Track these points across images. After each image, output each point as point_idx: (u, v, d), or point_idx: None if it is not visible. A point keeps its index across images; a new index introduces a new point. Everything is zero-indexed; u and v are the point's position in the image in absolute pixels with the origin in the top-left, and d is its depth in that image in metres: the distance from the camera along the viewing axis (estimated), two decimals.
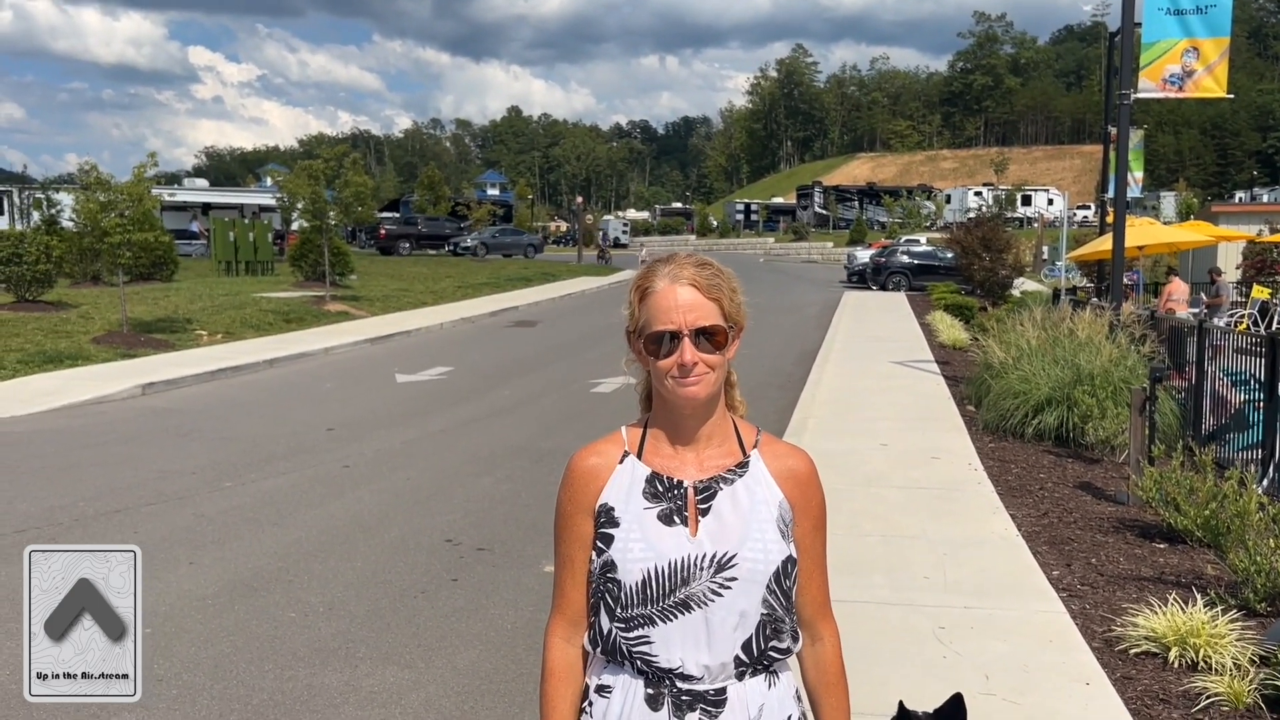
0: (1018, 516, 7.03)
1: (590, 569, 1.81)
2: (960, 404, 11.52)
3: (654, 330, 1.75)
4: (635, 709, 1.77)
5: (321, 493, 7.92)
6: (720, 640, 1.75)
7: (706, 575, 1.74)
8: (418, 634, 5.19)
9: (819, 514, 1.89)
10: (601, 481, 1.82)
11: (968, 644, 4.78)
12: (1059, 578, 5.75)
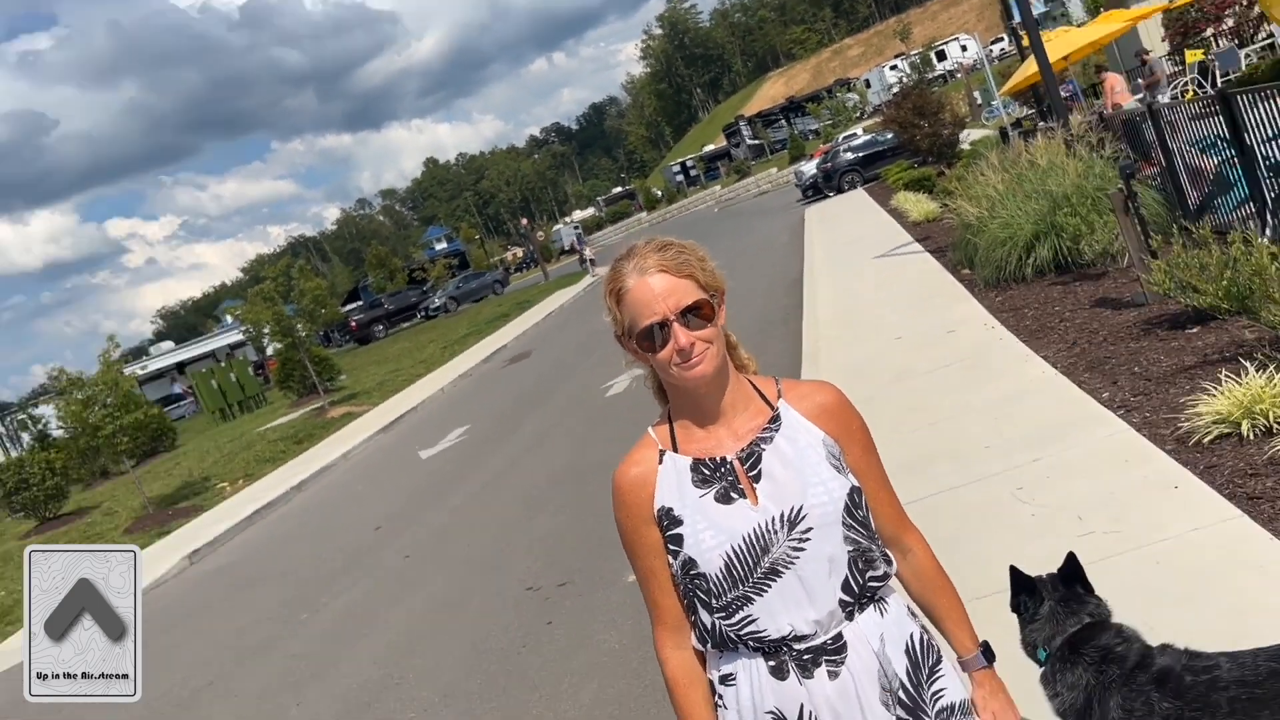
0: (1049, 356, 7.02)
1: (672, 573, 1.80)
2: (955, 272, 11.50)
3: (642, 327, 1.73)
4: (764, 686, 1.76)
5: (394, 590, 7.94)
6: (819, 592, 1.74)
7: (783, 536, 1.73)
8: (536, 687, 5.20)
9: (863, 436, 1.88)
10: (650, 487, 1.81)
11: (1050, 494, 4.78)
12: (1111, 398, 5.74)
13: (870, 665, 1.76)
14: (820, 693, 1.74)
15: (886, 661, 1.77)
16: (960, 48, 76.07)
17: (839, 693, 1.74)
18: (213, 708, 6.73)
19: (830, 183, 33.94)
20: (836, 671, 1.74)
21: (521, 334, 26.78)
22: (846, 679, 1.74)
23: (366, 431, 18.26)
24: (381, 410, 20.95)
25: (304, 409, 24.31)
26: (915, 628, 1.86)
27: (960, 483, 5.33)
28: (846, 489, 1.78)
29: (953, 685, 1.85)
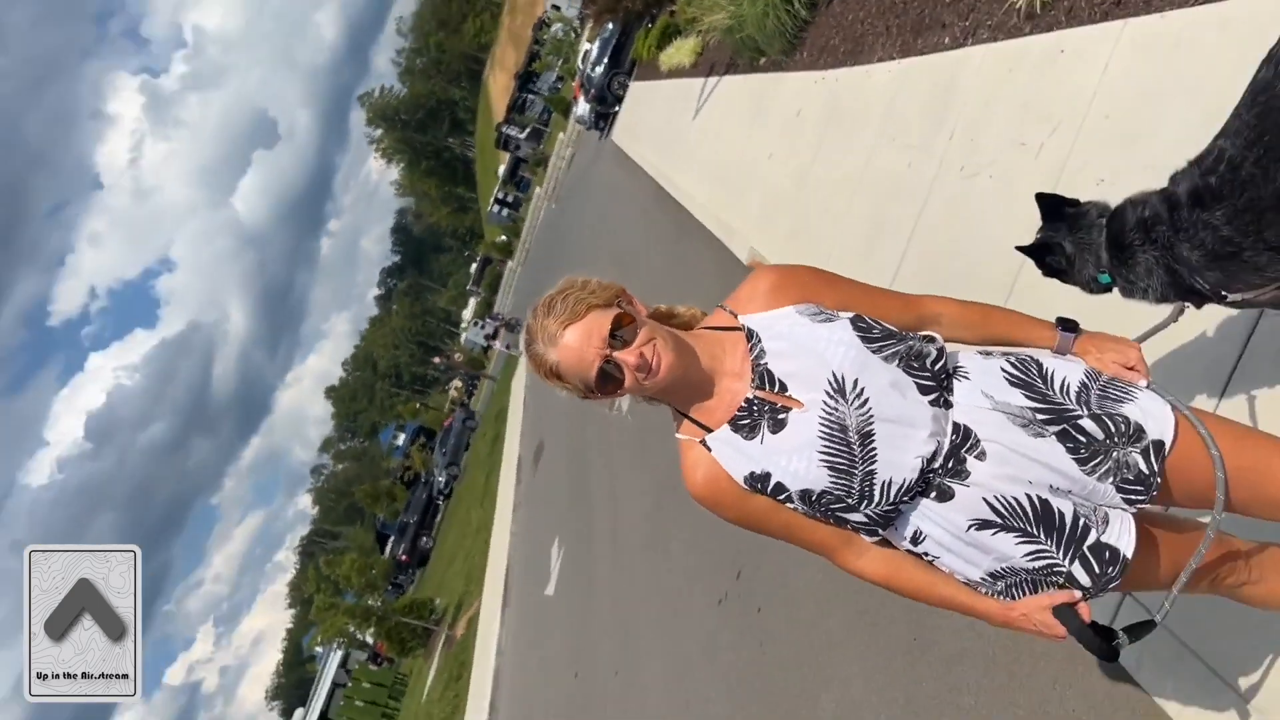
0: (882, 56, 7.01)
1: (803, 513, 1.81)
2: (757, 68, 11.50)
3: (593, 377, 1.75)
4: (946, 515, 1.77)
5: (618, 710, 7.92)
6: (908, 413, 1.74)
7: (846, 406, 1.73)
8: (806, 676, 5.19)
9: (817, 277, 1.89)
10: (721, 474, 1.81)
11: (981, 150, 4.78)
12: (956, 40, 5.74)
13: (997, 420, 1.76)
14: (984, 476, 1.75)
15: (1005, 406, 1.78)
16: None
17: (998, 462, 1.74)
18: None
19: (606, 103, 33.84)
20: (982, 451, 1.75)
21: (522, 434, 26.69)
22: (993, 448, 1.75)
23: (494, 619, 18.18)
24: (488, 593, 20.86)
25: (438, 653, 24.21)
26: (1000, 361, 1.85)
27: (915, 210, 5.34)
28: (848, 326, 1.78)
29: (1066, 370, 1.86)
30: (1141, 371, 1.89)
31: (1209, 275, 2.10)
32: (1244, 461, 1.81)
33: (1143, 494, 1.79)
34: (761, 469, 1.76)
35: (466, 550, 27.81)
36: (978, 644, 3.82)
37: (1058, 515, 1.76)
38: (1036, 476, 1.75)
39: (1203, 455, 1.79)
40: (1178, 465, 1.80)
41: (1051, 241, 2.26)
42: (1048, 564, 1.77)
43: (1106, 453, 1.77)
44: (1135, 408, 1.82)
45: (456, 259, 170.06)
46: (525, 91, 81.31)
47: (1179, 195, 2.15)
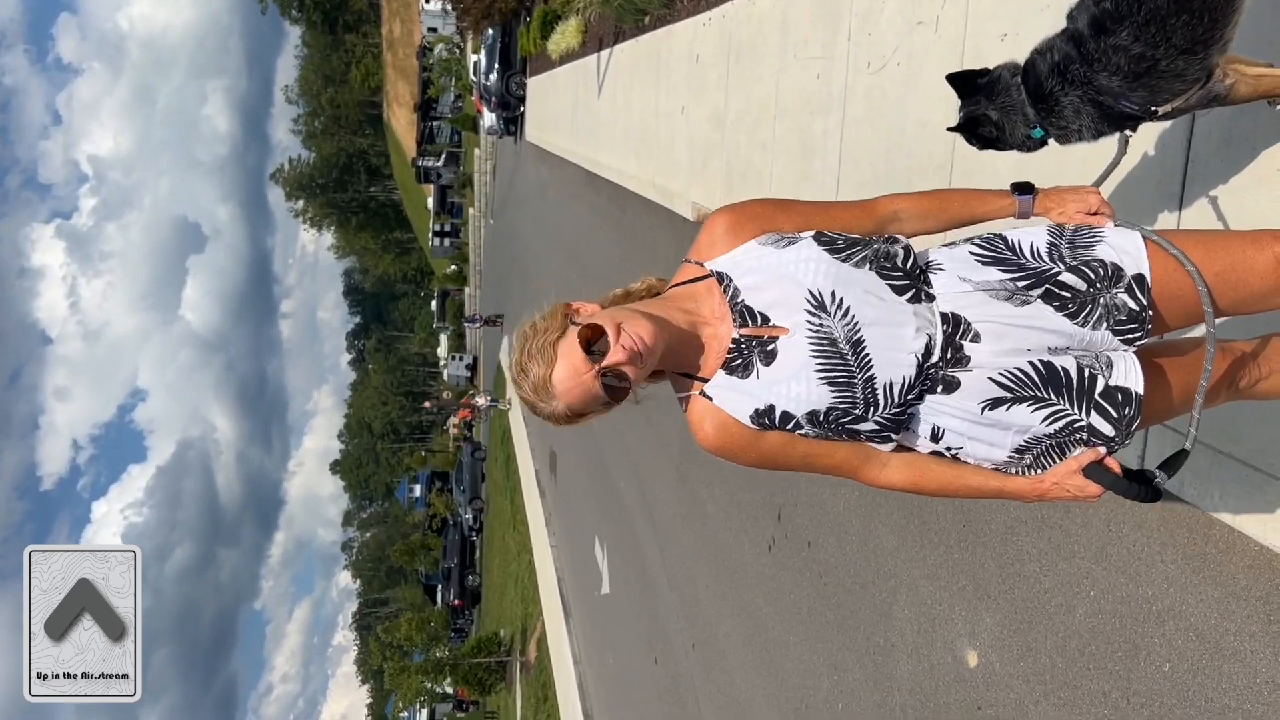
0: None
1: (816, 435, 1.81)
2: (643, 30, 11.46)
3: (603, 397, 1.78)
4: (956, 404, 1.79)
5: (705, 680, 7.99)
6: (893, 318, 1.76)
7: (831, 319, 1.74)
8: (873, 594, 5.24)
9: (770, 208, 1.90)
10: (728, 420, 1.81)
11: (880, 42, 4.79)
12: None
13: (981, 300, 1.78)
14: (986, 357, 1.77)
15: (985, 285, 1.80)
16: None
17: (993, 339, 1.77)
18: None
19: (509, 107, 33.65)
20: (975, 333, 1.77)
21: (532, 449, 26.71)
22: (985, 327, 1.77)
23: (561, 633, 18.24)
24: (548, 610, 20.93)
25: (519, 681, 24.32)
26: (966, 246, 1.88)
27: (836, 122, 5.35)
28: (812, 245, 1.80)
29: (1030, 234, 1.88)
30: (1106, 213, 1.91)
31: (1134, 96, 2.11)
32: (1219, 266, 1.83)
33: (1138, 330, 1.81)
34: (765, 403, 1.77)
35: (514, 576, 27.87)
36: (1026, 511, 3.87)
37: (1063, 373, 1.78)
38: (1034, 342, 1.77)
39: (1180, 274, 1.82)
40: (1161, 292, 1.83)
41: (977, 114, 2.27)
42: (1068, 422, 1.78)
43: (1094, 301, 1.79)
44: (1106, 248, 1.84)
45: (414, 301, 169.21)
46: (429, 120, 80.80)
47: (1081, 30, 2.16)
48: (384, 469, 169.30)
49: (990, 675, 4.00)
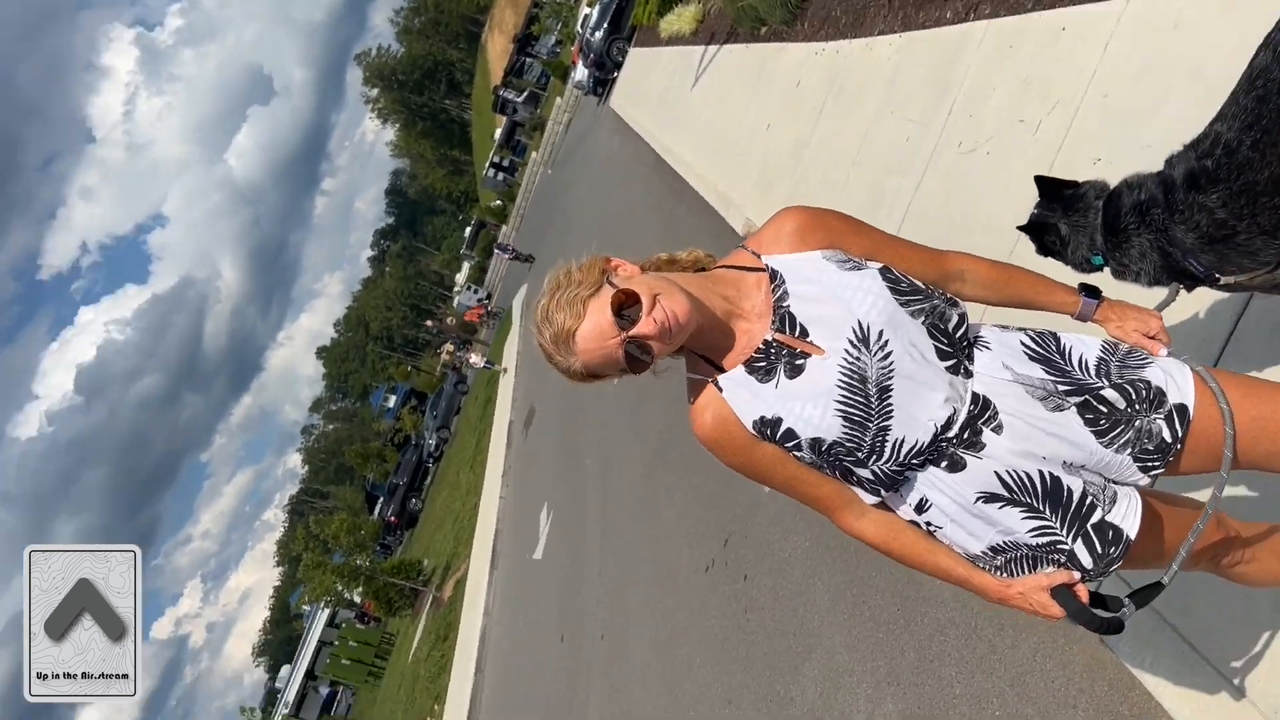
0: (883, 30, 6.99)
1: (809, 462, 1.76)
2: (758, 38, 11.43)
3: (624, 362, 1.72)
4: (956, 486, 1.74)
5: (601, 674, 8.01)
6: (927, 374, 1.71)
7: (869, 356, 1.69)
8: (778, 672, 5.26)
9: (844, 223, 1.84)
10: (730, 416, 1.75)
11: (979, 128, 4.78)
12: (959, 13, 5.73)
13: (1017, 393, 1.74)
14: (1000, 450, 1.72)
15: (1025, 380, 1.75)
16: None
17: (1014, 437, 1.72)
18: None
19: (604, 69, 33.60)
20: (998, 424, 1.72)
21: (514, 399, 26.75)
22: (1010, 421, 1.72)
23: (481, 581, 18.31)
24: (477, 556, 20.99)
25: (423, 615, 24.40)
26: (1019, 334, 1.83)
27: (910, 185, 5.35)
28: (876, 276, 1.74)
29: (1084, 346, 1.84)
30: (1164, 340, 1.87)
31: (1203, 258, 2.11)
32: (1255, 411, 1.79)
33: (1159, 463, 1.77)
34: (773, 413, 1.71)
35: (455, 513, 27.95)
36: (961, 615, 3.88)
37: (1066, 492, 1.74)
38: (1051, 451, 1.73)
39: (1214, 411, 1.77)
40: (1194, 429, 1.78)
41: (1047, 221, 2.27)
42: (1051, 540, 1.75)
43: (1129, 422, 1.76)
44: (1157, 370, 1.81)
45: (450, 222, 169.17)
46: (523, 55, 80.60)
47: (1174, 178, 2.17)
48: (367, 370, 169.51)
49: None
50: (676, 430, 8.93)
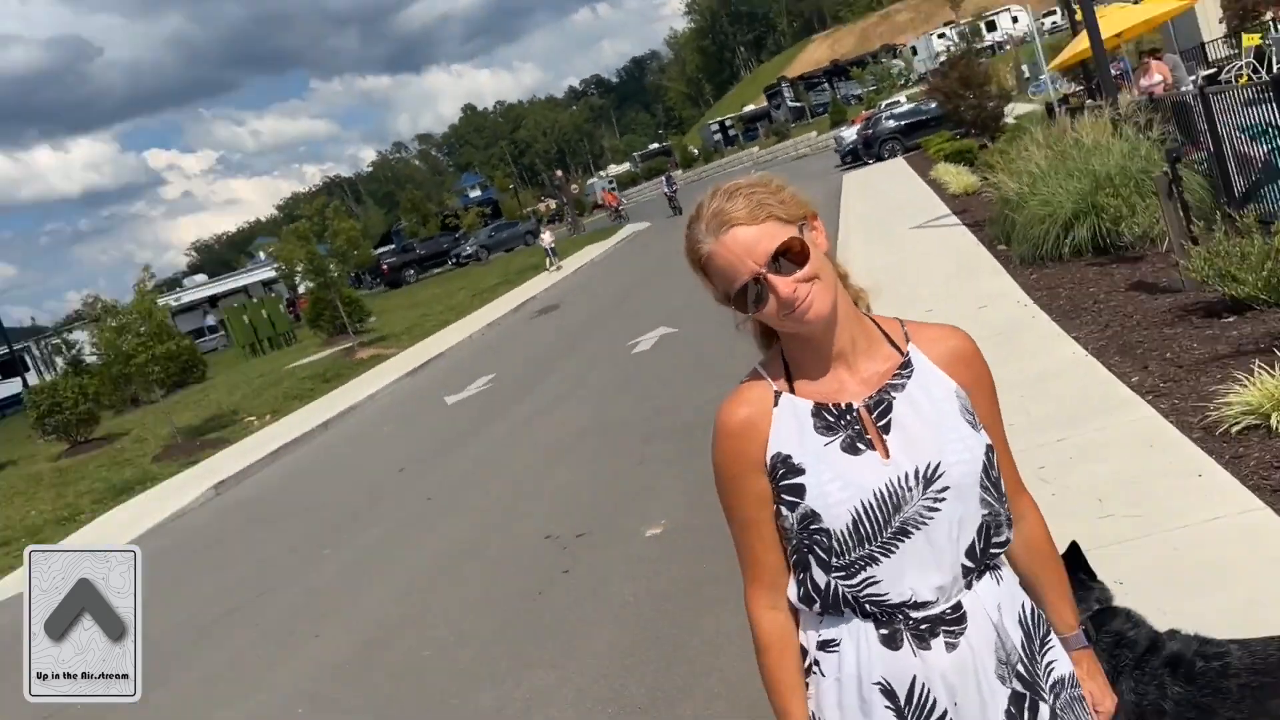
0: (1081, 337, 6.98)
1: (784, 526, 1.64)
2: (990, 247, 11.40)
3: (736, 289, 1.58)
4: (872, 655, 1.63)
5: (415, 532, 8.06)
6: (946, 555, 1.61)
7: (917, 494, 1.58)
8: (549, 632, 5.29)
9: (992, 389, 1.74)
10: (763, 431, 1.63)
11: (1071, 475, 4.79)
12: (1140, 382, 5.71)
13: (988, 636, 1.64)
14: (936, 665, 1.62)
15: (1004, 632, 1.66)
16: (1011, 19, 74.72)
17: (955, 666, 1.62)
18: (233, 635, 6.89)
19: (870, 150, 33.60)
20: (955, 643, 1.62)
21: (551, 286, 26.84)
22: (964, 651, 1.62)
23: (394, 374, 18.43)
24: (410, 354, 21.13)
25: (333, 349, 24.54)
26: (1025, 598, 1.76)
27: None
28: (983, 446, 1.63)
29: (1062, 658, 1.76)
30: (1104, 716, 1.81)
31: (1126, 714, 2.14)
32: None
33: None
34: (801, 463, 1.60)
35: (429, 313, 28.09)
36: None
37: None
38: (964, 707, 1.64)
39: None
40: None
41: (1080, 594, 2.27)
42: None
43: None
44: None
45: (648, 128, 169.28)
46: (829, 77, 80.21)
47: (1163, 645, 2.19)
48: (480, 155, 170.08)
49: None
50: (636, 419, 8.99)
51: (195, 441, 16.77)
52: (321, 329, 26.61)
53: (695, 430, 8.38)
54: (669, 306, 16.17)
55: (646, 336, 13.86)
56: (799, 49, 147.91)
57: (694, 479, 7.12)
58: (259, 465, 13.61)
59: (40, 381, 24.80)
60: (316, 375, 20.70)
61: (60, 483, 16.24)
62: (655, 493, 7.09)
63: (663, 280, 20.50)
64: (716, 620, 4.83)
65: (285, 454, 14.08)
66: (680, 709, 4.15)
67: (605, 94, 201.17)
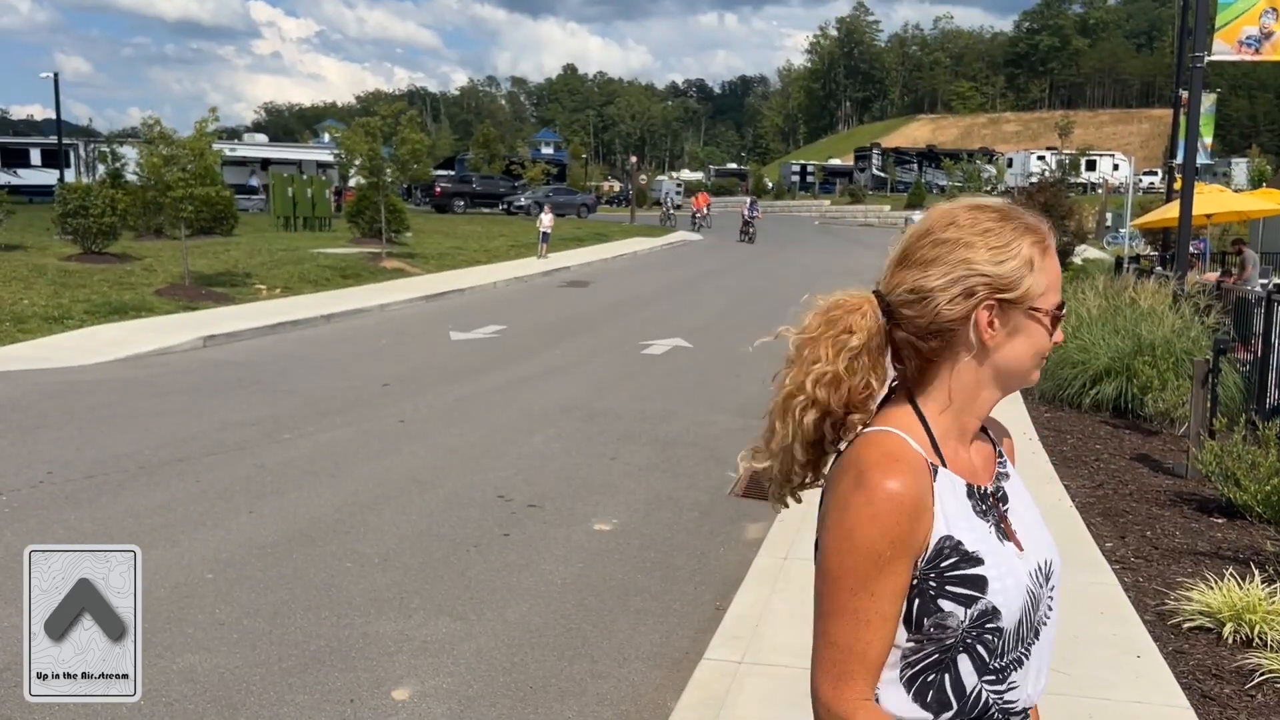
0: (1072, 487, 6.96)
1: (943, 623, 1.38)
2: None
3: (1057, 301, 1.38)
4: None
5: (377, 447, 8.07)
6: (1049, 659, 1.50)
7: (1044, 591, 1.45)
8: (470, 586, 5.29)
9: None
10: (928, 512, 1.36)
11: None
12: (1112, 549, 5.69)
13: None
14: None
15: None
16: (1113, 165, 74.62)
17: None
18: (171, 483, 6.89)
19: None
20: None
21: (588, 263, 26.87)
22: None
23: (411, 294, 18.46)
24: (432, 280, 21.16)
25: (362, 249, 24.57)
26: None
27: None
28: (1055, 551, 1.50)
29: None
30: None
31: None
32: None
33: None
34: (976, 551, 1.37)
35: (464, 248, 28.11)
36: None
37: None
38: None
39: None
40: None
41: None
42: None
43: None
44: None
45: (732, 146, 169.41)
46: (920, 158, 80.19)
47: None
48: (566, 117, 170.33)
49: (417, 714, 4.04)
50: (627, 414, 8.99)
51: (201, 290, 16.81)
52: (358, 227, 26.63)
53: (673, 445, 8.40)
54: (692, 321, 16.20)
55: (661, 342, 13.86)
56: (902, 122, 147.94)
57: (658, 490, 7.13)
58: (253, 333, 13.64)
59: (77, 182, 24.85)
60: (337, 268, 20.73)
61: (61, 283, 16.29)
62: (616, 491, 7.09)
63: (696, 295, 20.54)
64: (632, 630, 4.83)
65: (281, 331, 14.11)
66: (567, 704, 4.15)
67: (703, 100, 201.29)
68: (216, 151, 17.84)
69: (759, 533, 6.26)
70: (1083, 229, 28.26)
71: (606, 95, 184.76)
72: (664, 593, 5.33)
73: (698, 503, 6.92)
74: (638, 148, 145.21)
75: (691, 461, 7.94)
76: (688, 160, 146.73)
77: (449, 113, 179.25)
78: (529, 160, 62.35)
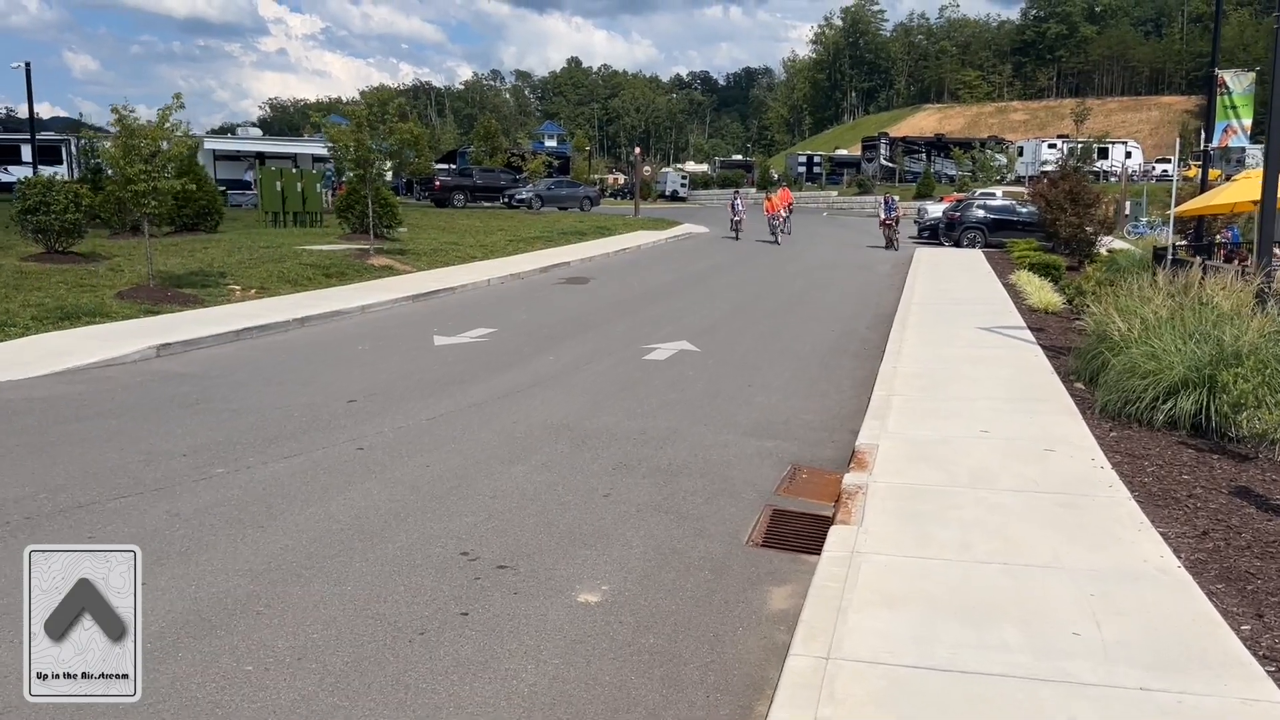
0: (1170, 535, 5.62)
1: None
2: (1066, 380, 10.02)
3: None
4: None
5: (324, 483, 6.76)
6: None
7: None
8: (405, 703, 3.96)
9: None
10: None
11: None
12: (1252, 635, 4.36)
13: None
14: None
15: None
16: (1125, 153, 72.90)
17: None
18: (55, 539, 5.59)
19: (951, 232, 32.15)
20: None
21: (589, 258, 25.50)
22: None
23: (397, 293, 17.14)
24: (421, 278, 19.83)
25: (351, 245, 23.25)
26: None
27: (1035, 672, 3.99)
28: None
29: None
30: None
31: None
32: None
33: None
34: None
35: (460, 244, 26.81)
36: None
37: None
38: None
39: None
40: None
41: None
42: None
43: None
44: None
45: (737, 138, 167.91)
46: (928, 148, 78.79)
47: None
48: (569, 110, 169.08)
49: None
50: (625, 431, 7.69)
51: (168, 291, 15.49)
52: (348, 222, 25.32)
53: (678, 475, 7.09)
54: (699, 321, 14.86)
55: (665, 345, 12.55)
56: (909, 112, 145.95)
57: (659, 539, 5.81)
58: (214, 340, 12.34)
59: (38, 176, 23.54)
60: (320, 266, 19.40)
61: (12, 285, 15.00)
62: (609, 543, 5.77)
63: (704, 292, 19.17)
64: None
65: (246, 337, 12.80)
66: None
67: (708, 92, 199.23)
68: (183, 141, 16.45)
69: (785, 601, 4.98)
70: (1109, 219, 26.81)
71: (611, 88, 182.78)
72: (665, 706, 4.00)
73: (708, 557, 5.61)
74: (643, 140, 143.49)
75: (700, 498, 6.63)
76: (692, 153, 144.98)
77: (454, 107, 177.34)
78: (530, 153, 60.88)
